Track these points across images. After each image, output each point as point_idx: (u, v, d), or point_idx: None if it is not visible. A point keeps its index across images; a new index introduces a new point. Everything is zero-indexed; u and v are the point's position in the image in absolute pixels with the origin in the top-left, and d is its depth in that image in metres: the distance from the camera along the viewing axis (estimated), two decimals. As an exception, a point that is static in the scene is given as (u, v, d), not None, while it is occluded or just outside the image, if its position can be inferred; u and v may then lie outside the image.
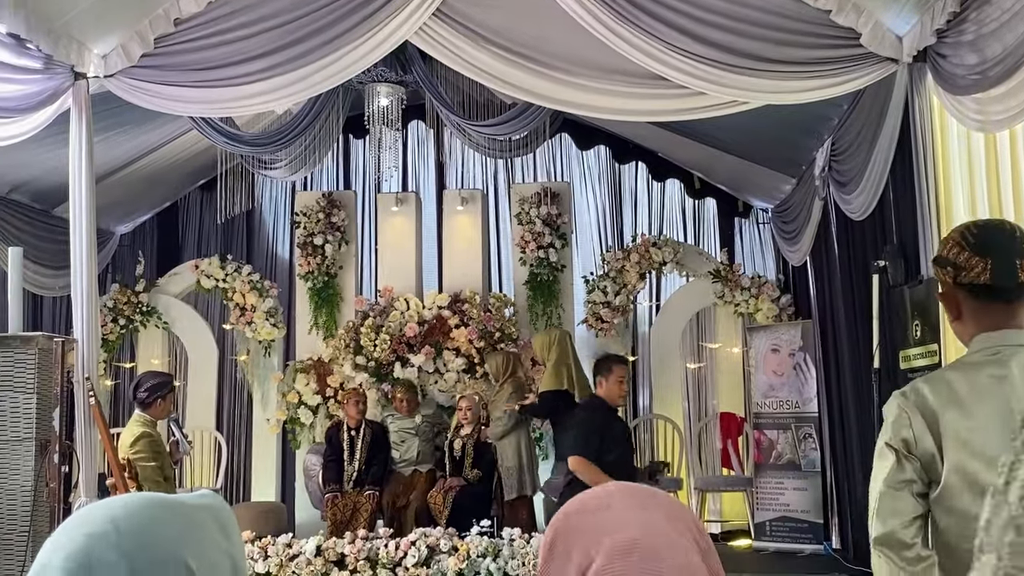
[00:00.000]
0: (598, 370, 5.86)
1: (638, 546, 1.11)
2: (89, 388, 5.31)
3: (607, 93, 5.64)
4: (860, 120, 5.99)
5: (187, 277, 9.67)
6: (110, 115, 6.63)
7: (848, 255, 6.93)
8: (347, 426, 8.22)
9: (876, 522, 2.22)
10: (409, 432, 8.34)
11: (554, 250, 9.32)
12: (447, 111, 8.03)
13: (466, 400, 8.30)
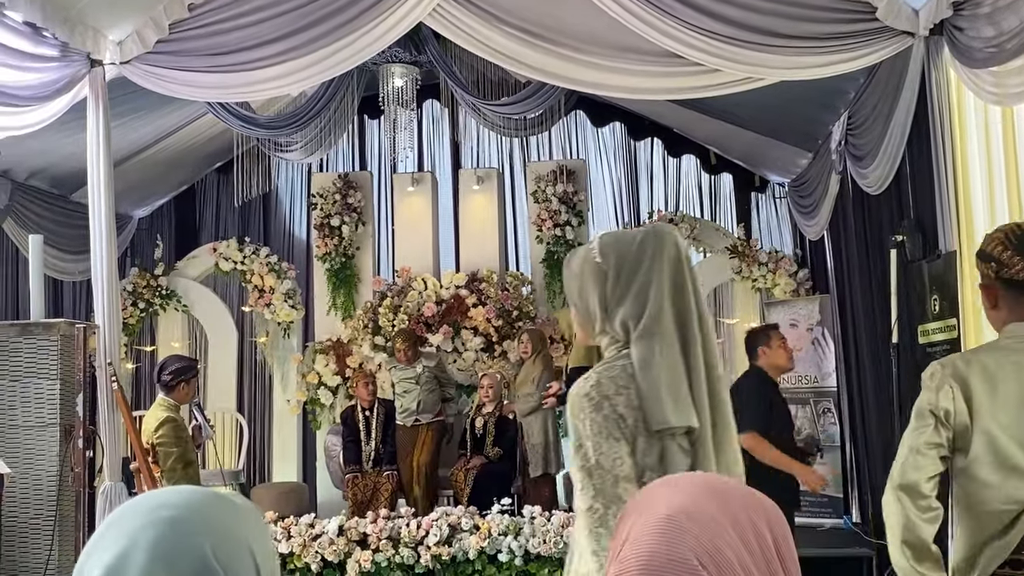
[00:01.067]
0: (757, 340, 5.71)
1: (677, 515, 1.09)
2: (112, 373, 5.37)
3: (622, 72, 5.63)
4: (876, 94, 5.96)
5: (205, 260, 9.73)
6: (126, 100, 6.65)
7: (865, 229, 6.90)
8: (360, 407, 8.31)
9: (901, 471, 2.54)
10: (410, 381, 8.34)
11: (571, 228, 9.33)
12: (462, 91, 8.03)
13: (488, 378, 8.35)
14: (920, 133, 5.31)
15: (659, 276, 2.27)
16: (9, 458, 5.05)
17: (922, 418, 2.54)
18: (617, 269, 2.29)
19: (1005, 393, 2.45)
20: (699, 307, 2.31)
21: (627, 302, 2.27)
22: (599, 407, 2.20)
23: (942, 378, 2.51)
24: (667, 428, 2.17)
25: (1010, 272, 2.49)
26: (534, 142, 10.37)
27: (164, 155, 8.67)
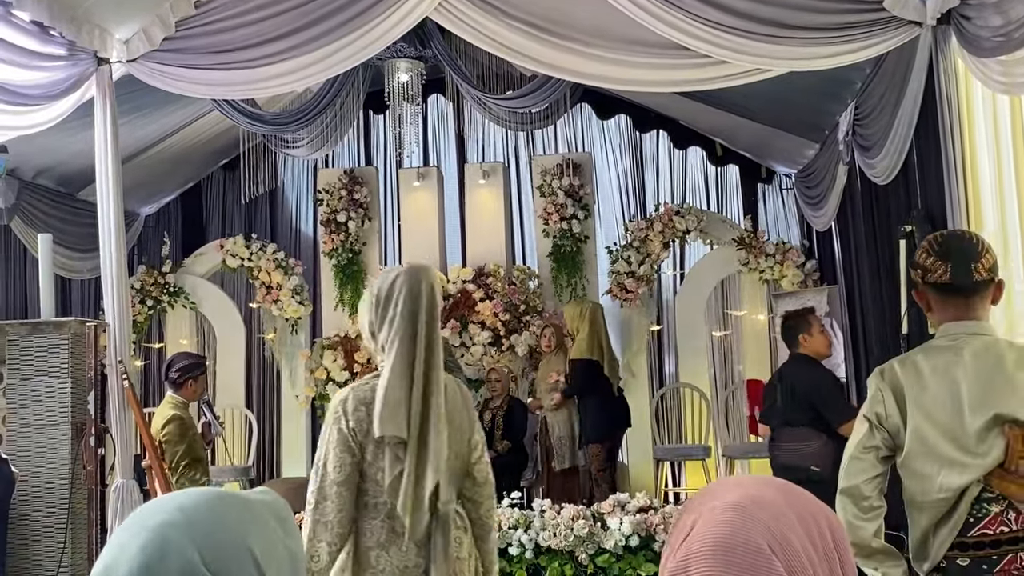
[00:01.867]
0: (796, 328, 5.62)
1: (735, 507, 1.11)
2: (123, 371, 5.39)
3: (628, 64, 5.63)
4: (883, 84, 5.95)
5: (212, 257, 9.75)
6: (132, 98, 6.67)
7: (873, 219, 6.90)
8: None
9: (843, 476, 2.79)
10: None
11: (577, 221, 9.33)
12: (467, 85, 8.04)
13: (496, 372, 8.38)
14: (928, 123, 5.30)
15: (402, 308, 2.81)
16: (21, 457, 5.07)
17: (860, 424, 2.78)
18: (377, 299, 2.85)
19: (935, 390, 2.67)
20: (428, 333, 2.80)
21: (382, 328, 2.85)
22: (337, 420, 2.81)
23: (876, 385, 2.75)
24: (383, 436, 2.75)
25: (934, 276, 2.72)
26: (539, 136, 10.38)
27: (170, 152, 8.69)
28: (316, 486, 2.80)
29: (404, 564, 2.78)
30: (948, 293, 2.74)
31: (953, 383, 2.67)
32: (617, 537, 6.19)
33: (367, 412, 2.78)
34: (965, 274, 2.69)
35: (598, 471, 7.69)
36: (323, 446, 2.83)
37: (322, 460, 2.81)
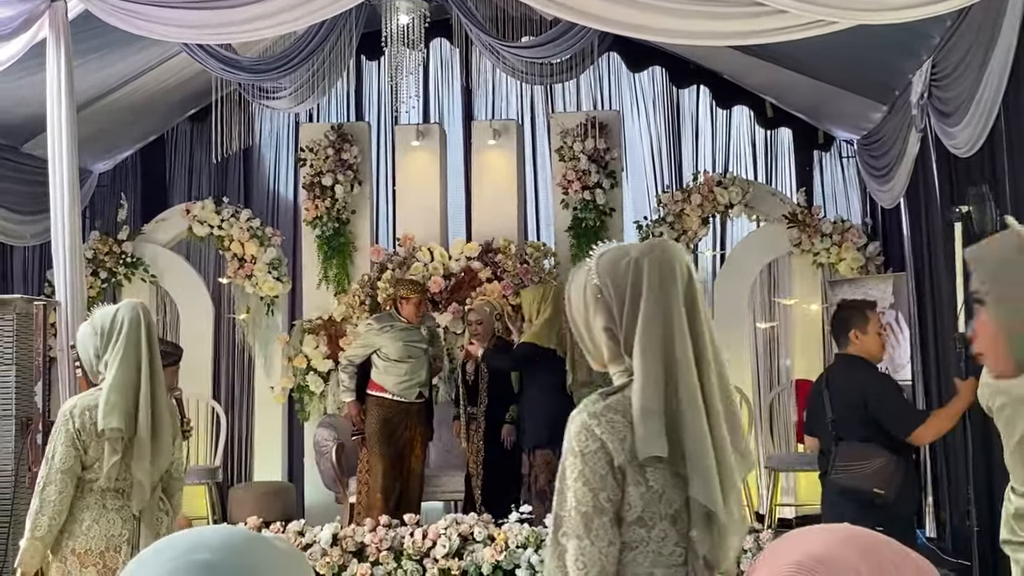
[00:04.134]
0: (850, 322, 5.47)
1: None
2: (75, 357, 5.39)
3: (668, 12, 5.60)
4: (967, 40, 5.92)
5: (177, 223, 9.76)
6: (88, 37, 6.67)
7: (951, 197, 6.87)
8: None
9: None
10: (418, 346, 8.07)
11: (601, 191, 9.33)
12: (477, 29, 8.00)
13: (475, 312, 8.25)
14: (1020, 88, 5.28)
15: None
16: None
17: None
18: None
19: None
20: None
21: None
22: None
23: None
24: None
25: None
26: (560, 90, 10.36)
27: (129, 100, 8.68)
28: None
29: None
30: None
31: None
32: None
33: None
34: None
35: (548, 481, 7.28)
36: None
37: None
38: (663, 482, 2.35)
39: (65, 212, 5.89)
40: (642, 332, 2.39)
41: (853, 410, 5.36)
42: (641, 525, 2.35)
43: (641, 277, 2.42)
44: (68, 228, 5.83)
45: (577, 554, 2.30)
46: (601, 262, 2.47)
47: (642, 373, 2.36)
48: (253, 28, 6.18)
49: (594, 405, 2.39)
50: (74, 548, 3.96)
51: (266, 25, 6.09)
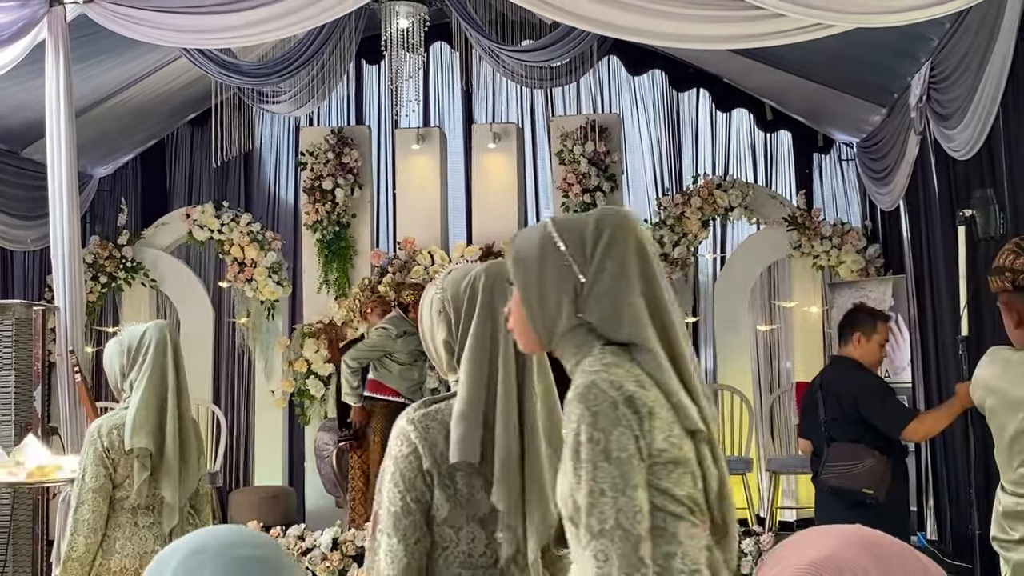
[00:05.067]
0: (857, 325, 5.51)
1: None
2: (74, 362, 5.41)
3: (667, 16, 5.60)
4: (966, 42, 5.93)
5: (177, 228, 9.76)
6: (87, 42, 6.67)
7: (950, 199, 6.89)
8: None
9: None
10: (420, 352, 7.97)
11: (602, 194, 9.32)
12: (477, 33, 8.00)
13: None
14: (1018, 90, 5.29)
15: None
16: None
17: None
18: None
19: None
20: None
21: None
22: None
23: None
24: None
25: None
26: (560, 93, 10.36)
27: (129, 105, 8.69)
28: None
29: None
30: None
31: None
32: None
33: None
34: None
35: None
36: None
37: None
38: (471, 487, 2.47)
39: (64, 217, 5.89)
40: (469, 346, 2.52)
41: (845, 411, 5.39)
42: (449, 526, 2.48)
43: (476, 295, 2.55)
44: (67, 233, 5.83)
45: (387, 550, 2.45)
46: (448, 280, 2.61)
47: (465, 384, 2.49)
48: (253, 32, 6.19)
49: (415, 411, 2.54)
50: (109, 567, 3.98)
51: (266, 29, 6.11)
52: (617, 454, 2.03)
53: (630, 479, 2.01)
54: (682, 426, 2.11)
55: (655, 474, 2.06)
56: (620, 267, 2.20)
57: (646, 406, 2.07)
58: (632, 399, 2.07)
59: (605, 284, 2.20)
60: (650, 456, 2.05)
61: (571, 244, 2.24)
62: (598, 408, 2.06)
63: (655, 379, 2.14)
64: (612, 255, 2.21)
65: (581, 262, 2.23)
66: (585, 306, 2.22)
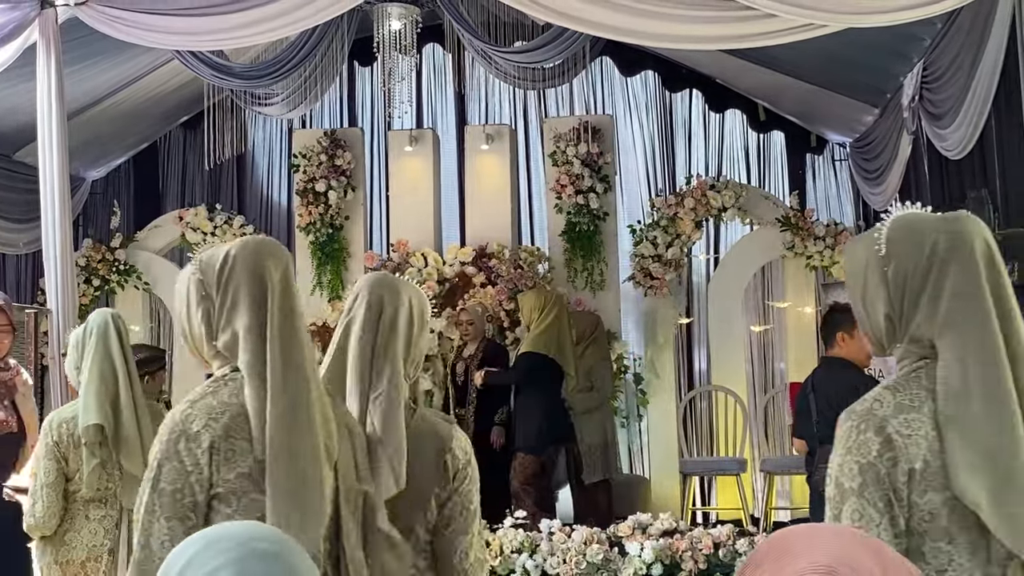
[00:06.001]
0: (838, 324, 5.49)
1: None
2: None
3: (660, 16, 5.60)
4: (957, 42, 5.94)
5: (170, 230, 9.75)
6: (77, 45, 6.66)
7: (943, 198, 6.90)
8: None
9: None
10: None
11: (595, 195, 9.32)
12: (469, 35, 8.00)
13: (466, 313, 8.33)
14: (1009, 89, 5.30)
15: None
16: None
17: None
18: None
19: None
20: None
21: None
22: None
23: None
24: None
25: None
26: (553, 95, 10.36)
27: (122, 108, 8.68)
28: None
29: None
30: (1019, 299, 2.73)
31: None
32: (637, 565, 6.22)
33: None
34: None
35: (521, 484, 7.52)
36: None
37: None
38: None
39: (56, 220, 5.88)
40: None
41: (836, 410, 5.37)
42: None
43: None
44: (59, 236, 5.82)
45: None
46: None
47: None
48: (244, 34, 6.20)
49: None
50: (56, 558, 4.06)
51: (258, 31, 6.11)
52: None
53: None
54: None
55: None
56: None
57: None
58: None
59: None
60: None
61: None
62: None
63: None
64: None
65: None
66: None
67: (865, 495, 2.02)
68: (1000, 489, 1.95)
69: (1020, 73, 5.14)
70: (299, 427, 2.35)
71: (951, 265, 2.07)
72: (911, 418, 2.05)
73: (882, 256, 2.14)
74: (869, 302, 2.20)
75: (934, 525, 2.01)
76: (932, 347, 2.10)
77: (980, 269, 2.07)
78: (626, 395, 9.30)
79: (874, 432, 2.06)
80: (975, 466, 1.96)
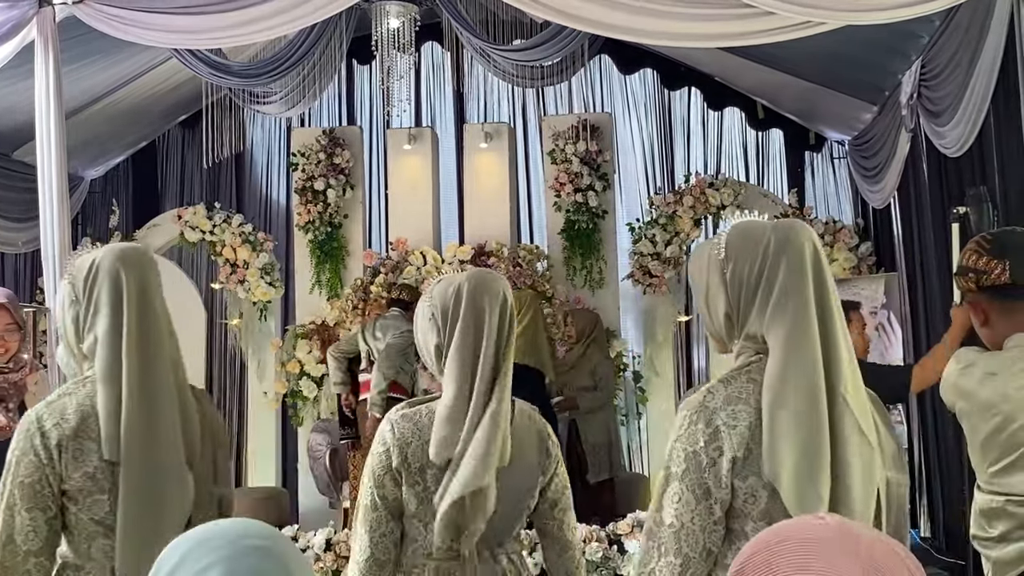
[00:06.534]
0: None
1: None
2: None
3: (658, 14, 5.59)
4: (956, 39, 5.94)
5: (168, 229, 9.75)
6: (77, 43, 6.66)
7: (941, 196, 6.90)
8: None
9: None
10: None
11: (594, 193, 9.33)
12: (468, 33, 8.00)
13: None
14: (1008, 87, 5.29)
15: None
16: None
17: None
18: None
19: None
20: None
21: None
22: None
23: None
24: None
25: (990, 278, 2.75)
26: (552, 93, 10.36)
27: (120, 107, 8.68)
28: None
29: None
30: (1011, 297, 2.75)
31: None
32: (636, 562, 6.22)
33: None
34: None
35: None
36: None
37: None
38: (439, 484, 2.62)
39: (54, 219, 5.87)
40: (452, 351, 2.69)
41: None
42: (418, 520, 2.66)
43: (460, 302, 2.72)
44: (58, 235, 5.82)
45: (358, 540, 2.67)
46: (436, 288, 2.80)
47: (449, 387, 2.66)
48: (243, 32, 6.17)
49: (396, 413, 2.69)
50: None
51: (256, 29, 6.08)
52: None
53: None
54: None
55: None
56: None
57: None
58: None
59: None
60: None
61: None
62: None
63: None
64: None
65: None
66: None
67: (686, 481, 2.20)
68: (801, 473, 2.14)
69: (1019, 70, 5.13)
70: (155, 429, 2.46)
71: (780, 266, 2.26)
72: (738, 409, 2.22)
73: (722, 259, 2.32)
74: (711, 302, 2.37)
75: (756, 507, 2.20)
76: (764, 343, 2.28)
77: (806, 270, 2.25)
78: (625, 393, 9.31)
79: (704, 423, 2.22)
80: (782, 452, 2.15)
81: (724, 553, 2.24)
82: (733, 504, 2.22)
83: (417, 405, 2.72)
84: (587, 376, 8.07)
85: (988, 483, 2.92)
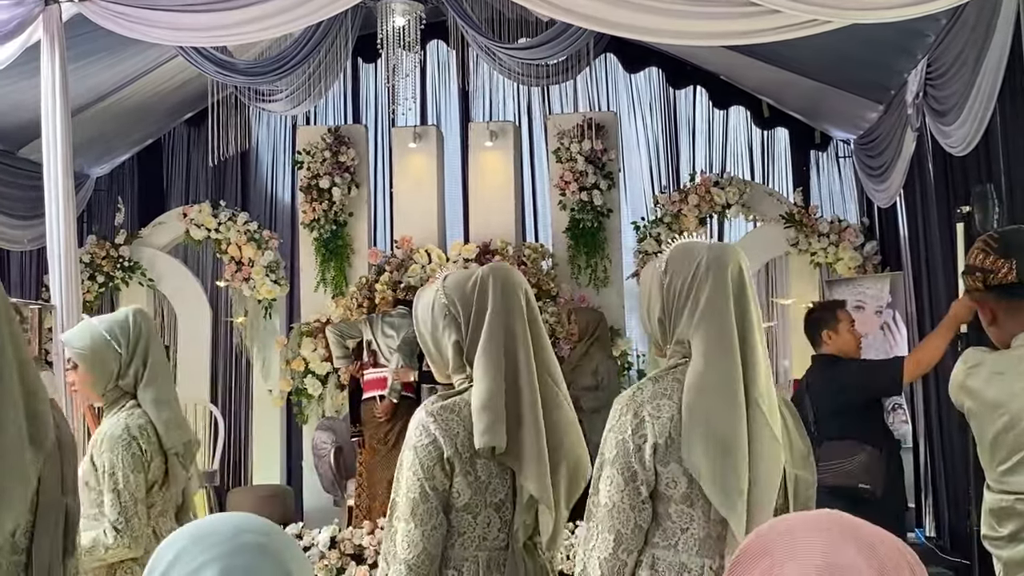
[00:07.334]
0: (821, 323, 5.63)
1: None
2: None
3: (663, 13, 5.59)
4: (962, 38, 5.92)
5: (174, 227, 9.76)
6: (83, 41, 6.67)
7: (947, 195, 6.89)
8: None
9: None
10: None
11: (599, 192, 9.32)
12: (473, 31, 8.00)
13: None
14: (1015, 85, 5.29)
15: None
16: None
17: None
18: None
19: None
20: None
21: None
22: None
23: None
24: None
25: (997, 277, 2.78)
26: (557, 91, 10.37)
27: (126, 105, 8.68)
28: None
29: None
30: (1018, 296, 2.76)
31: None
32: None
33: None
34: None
35: None
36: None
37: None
38: (490, 473, 2.66)
39: (60, 216, 5.89)
40: (484, 343, 2.71)
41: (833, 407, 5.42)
42: (468, 512, 2.65)
43: (486, 295, 2.74)
44: (63, 232, 5.83)
45: (404, 535, 2.59)
46: (450, 283, 2.80)
47: (483, 378, 2.67)
48: (249, 30, 6.18)
49: (432, 405, 2.70)
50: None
51: (262, 27, 6.09)
52: None
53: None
54: None
55: None
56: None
57: None
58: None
59: None
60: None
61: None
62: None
63: None
64: None
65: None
66: None
67: (616, 465, 2.49)
68: (716, 464, 2.41)
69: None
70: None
71: (707, 282, 2.55)
72: (662, 403, 2.52)
73: (661, 271, 2.63)
74: (650, 309, 2.67)
75: (677, 491, 2.48)
76: (690, 348, 2.57)
77: (729, 288, 2.54)
78: (630, 391, 9.29)
79: (632, 415, 2.52)
80: (700, 444, 2.42)
81: (652, 532, 2.52)
82: (657, 488, 2.49)
83: (451, 397, 2.72)
84: (589, 375, 8.07)
85: (997, 482, 2.92)
